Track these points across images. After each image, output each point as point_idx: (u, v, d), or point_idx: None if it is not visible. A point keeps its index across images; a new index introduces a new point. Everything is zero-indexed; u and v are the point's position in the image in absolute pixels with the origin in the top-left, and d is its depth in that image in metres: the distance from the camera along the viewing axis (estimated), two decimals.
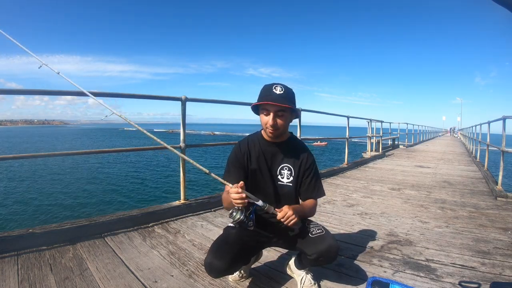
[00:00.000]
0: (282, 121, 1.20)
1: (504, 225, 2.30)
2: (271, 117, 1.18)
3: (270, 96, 1.17)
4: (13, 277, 1.34)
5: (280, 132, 1.24)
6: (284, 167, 1.29)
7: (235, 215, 1.11)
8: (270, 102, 1.15)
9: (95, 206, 7.55)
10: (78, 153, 2.31)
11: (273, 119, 1.18)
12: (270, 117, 1.18)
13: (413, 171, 5.25)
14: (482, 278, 1.45)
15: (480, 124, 6.60)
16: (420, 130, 15.93)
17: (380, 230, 2.14)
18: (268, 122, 1.19)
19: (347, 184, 3.89)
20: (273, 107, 1.17)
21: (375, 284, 1.24)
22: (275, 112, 1.17)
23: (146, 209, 2.26)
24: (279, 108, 1.17)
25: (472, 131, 9.56)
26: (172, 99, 2.49)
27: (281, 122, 1.20)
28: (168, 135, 39.45)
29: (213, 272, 1.16)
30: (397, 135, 11.86)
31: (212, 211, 2.51)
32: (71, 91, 1.91)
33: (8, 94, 2.02)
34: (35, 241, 1.67)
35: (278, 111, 1.18)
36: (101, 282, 1.33)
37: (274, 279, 1.42)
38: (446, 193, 3.47)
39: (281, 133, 1.25)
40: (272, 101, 1.15)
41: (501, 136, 3.65)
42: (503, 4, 0.47)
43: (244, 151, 1.30)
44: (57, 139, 40.41)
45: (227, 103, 3.56)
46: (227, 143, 3.23)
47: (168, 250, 1.71)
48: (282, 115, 1.19)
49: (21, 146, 28.28)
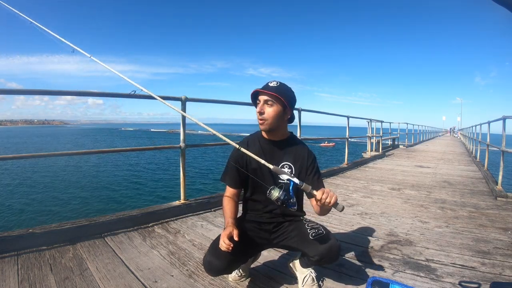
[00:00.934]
0: (270, 111, 1.21)
1: (504, 225, 2.30)
2: (260, 105, 1.21)
3: (263, 87, 1.21)
4: (13, 277, 1.34)
5: (269, 124, 1.23)
6: (285, 165, 1.29)
7: (274, 193, 1.10)
8: (259, 90, 1.20)
9: (95, 206, 7.55)
10: (78, 153, 2.31)
11: (261, 106, 1.21)
12: (259, 105, 1.22)
13: (413, 171, 5.25)
14: (482, 278, 1.45)
15: (480, 124, 6.60)
16: (420, 130, 15.93)
17: (380, 230, 2.14)
18: (257, 110, 1.22)
19: (347, 184, 3.90)
20: (262, 96, 1.21)
21: (375, 284, 1.24)
22: (263, 101, 1.21)
23: (146, 209, 2.25)
24: (267, 97, 1.20)
25: (472, 131, 9.56)
26: (172, 99, 2.48)
27: (270, 112, 1.21)
28: (168, 135, 39.43)
29: (212, 271, 1.17)
30: (397, 135, 11.86)
31: (212, 211, 2.51)
32: (71, 91, 1.93)
33: (8, 94, 2.02)
34: (35, 241, 1.67)
35: (267, 100, 1.20)
36: (101, 282, 1.33)
37: (274, 279, 1.41)
38: (446, 193, 3.47)
39: (272, 127, 1.24)
40: (260, 89, 1.20)
41: (501, 136, 3.65)
42: (503, 4, 0.47)
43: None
44: (57, 139, 40.38)
45: (227, 103, 3.56)
46: (227, 143, 3.22)
47: (168, 250, 1.71)
48: (271, 105, 1.20)
49: (20, 146, 28.29)
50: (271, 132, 1.28)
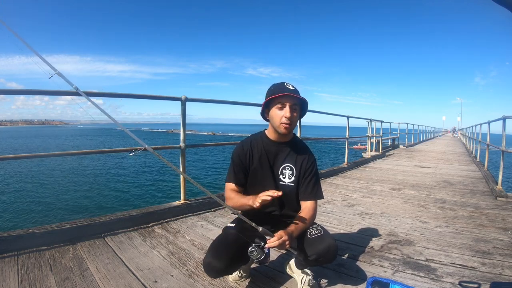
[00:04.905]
0: (296, 115, 1.22)
1: (504, 225, 2.30)
2: (287, 109, 1.18)
3: (286, 90, 1.19)
4: (13, 277, 1.34)
5: (293, 128, 1.25)
6: (286, 167, 1.29)
7: (256, 254, 1.11)
8: (289, 94, 1.17)
9: (95, 206, 7.55)
10: (78, 153, 2.31)
11: (290, 111, 1.19)
12: (286, 109, 1.18)
13: (413, 171, 5.25)
14: (482, 278, 1.45)
15: (480, 124, 6.60)
16: (420, 130, 15.93)
17: (380, 230, 2.14)
18: (284, 115, 1.19)
19: (347, 184, 3.89)
20: (290, 100, 1.18)
21: (375, 284, 1.24)
22: (291, 106, 1.19)
23: (146, 209, 2.25)
24: (295, 101, 1.19)
25: (472, 131, 9.56)
26: (172, 99, 2.49)
27: (295, 116, 1.21)
28: (168, 134, 39.43)
29: (212, 272, 1.16)
30: (397, 135, 11.86)
31: (212, 211, 2.51)
32: (71, 91, 1.91)
33: (8, 94, 2.02)
34: (35, 241, 1.67)
35: (293, 104, 1.19)
36: (101, 282, 1.33)
37: (274, 279, 1.41)
38: (446, 193, 3.47)
39: (292, 130, 1.26)
40: (289, 93, 1.18)
41: (501, 136, 3.65)
42: (503, 4, 0.47)
43: (247, 150, 1.31)
44: (59, 140, 40.38)
45: (227, 103, 3.56)
46: (227, 143, 3.24)
47: (168, 250, 1.71)
48: (296, 110, 1.21)
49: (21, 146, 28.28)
50: (285, 135, 1.27)
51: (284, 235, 1.06)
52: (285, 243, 1.06)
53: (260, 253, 1.10)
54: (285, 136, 1.29)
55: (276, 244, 1.04)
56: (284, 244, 1.06)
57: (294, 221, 1.22)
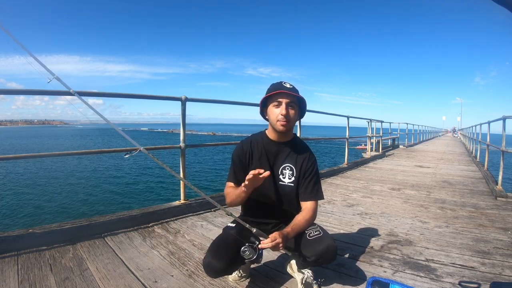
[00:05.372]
0: (293, 113, 1.22)
1: (504, 225, 2.30)
2: (283, 106, 1.19)
3: (283, 88, 1.20)
4: (13, 277, 1.34)
5: (291, 126, 1.25)
6: (286, 167, 1.29)
7: (249, 254, 1.11)
8: (284, 91, 1.18)
9: (95, 206, 7.55)
10: (78, 153, 2.31)
11: (286, 108, 1.19)
12: (282, 106, 1.20)
13: (413, 171, 5.25)
14: (482, 278, 1.45)
15: (480, 124, 6.60)
16: (420, 130, 15.94)
17: (380, 230, 2.14)
18: (280, 112, 1.20)
19: (347, 184, 3.89)
20: (286, 97, 1.19)
21: (375, 284, 1.24)
22: (287, 103, 1.20)
23: (146, 209, 2.25)
24: (291, 99, 1.20)
25: (472, 131, 9.56)
26: (172, 99, 2.49)
27: (292, 114, 1.22)
28: (168, 134, 39.47)
29: (212, 272, 1.17)
30: (397, 135, 11.86)
31: (212, 211, 2.51)
32: (70, 91, 1.91)
33: (8, 94, 2.02)
34: (35, 241, 1.67)
35: (290, 102, 1.20)
36: (101, 282, 1.33)
37: (274, 279, 1.41)
38: (446, 193, 3.47)
39: (291, 128, 1.27)
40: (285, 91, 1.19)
41: (501, 136, 3.65)
42: (503, 4, 0.47)
43: (247, 150, 1.31)
44: (62, 140, 40.40)
45: (227, 103, 3.56)
46: (227, 143, 3.24)
47: (168, 250, 1.71)
48: (293, 108, 1.21)
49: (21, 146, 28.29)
50: (284, 134, 1.28)
51: (278, 237, 1.07)
52: (278, 245, 1.07)
53: (253, 253, 1.11)
54: (285, 135, 1.29)
55: (269, 245, 1.05)
56: (277, 246, 1.07)
57: (293, 222, 1.22)
